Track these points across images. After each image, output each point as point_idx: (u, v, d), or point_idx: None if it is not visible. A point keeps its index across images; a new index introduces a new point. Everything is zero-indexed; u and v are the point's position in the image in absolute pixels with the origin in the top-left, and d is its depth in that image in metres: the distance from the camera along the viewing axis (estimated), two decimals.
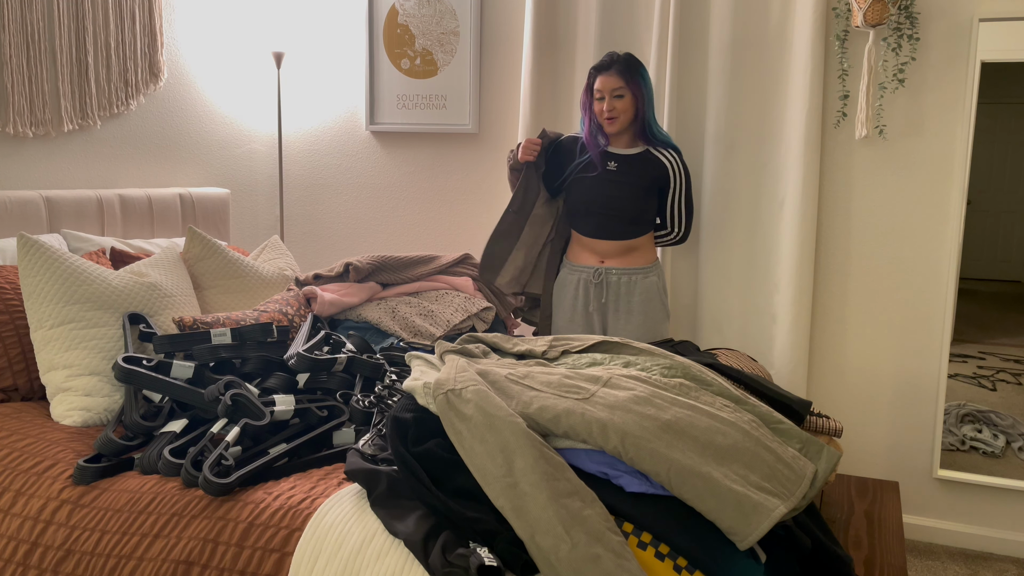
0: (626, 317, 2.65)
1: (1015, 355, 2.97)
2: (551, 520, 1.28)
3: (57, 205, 2.60)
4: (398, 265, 2.71)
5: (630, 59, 2.57)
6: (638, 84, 2.55)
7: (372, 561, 1.35)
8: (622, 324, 2.65)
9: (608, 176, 2.61)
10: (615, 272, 2.66)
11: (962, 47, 2.68)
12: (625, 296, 2.66)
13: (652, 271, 2.69)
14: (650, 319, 2.66)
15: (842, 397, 2.95)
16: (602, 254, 2.68)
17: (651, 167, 2.63)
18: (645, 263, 2.68)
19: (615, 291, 2.66)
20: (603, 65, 2.58)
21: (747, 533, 1.31)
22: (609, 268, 2.66)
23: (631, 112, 2.57)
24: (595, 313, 2.69)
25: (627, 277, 2.66)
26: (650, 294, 2.66)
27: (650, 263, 2.69)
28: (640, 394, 1.55)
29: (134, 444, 1.76)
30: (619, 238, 2.64)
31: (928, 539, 2.91)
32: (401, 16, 3.38)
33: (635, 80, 2.55)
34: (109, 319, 2.09)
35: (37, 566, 1.54)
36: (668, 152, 2.65)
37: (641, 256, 2.68)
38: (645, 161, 2.63)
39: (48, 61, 2.65)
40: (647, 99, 2.58)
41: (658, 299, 2.69)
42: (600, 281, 2.67)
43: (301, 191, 3.63)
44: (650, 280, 2.67)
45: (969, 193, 2.73)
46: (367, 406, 1.86)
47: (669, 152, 2.65)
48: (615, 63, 2.56)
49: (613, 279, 2.66)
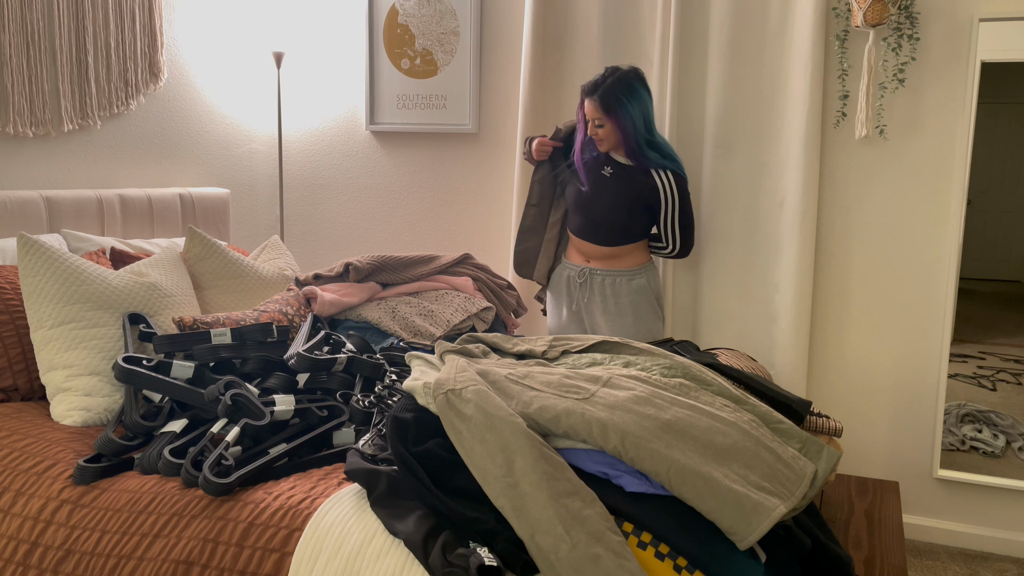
0: (617, 318, 2.65)
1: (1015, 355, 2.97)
2: (551, 520, 1.28)
3: (57, 205, 2.60)
4: (398, 265, 2.71)
5: (613, 87, 2.47)
6: (617, 116, 2.48)
7: (372, 561, 1.35)
8: (612, 323, 2.65)
9: (601, 182, 2.61)
10: (599, 273, 2.66)
11: (962, 47, 2.68)
12: (612, 297, 2.66)
13: (639, 273, 2.66)
14: (641, 320, 2.65)
15: (842, 397, 2.95)
16: (587, 255, 2.69)
17: (642, 183, 2.58)
18: (632, 266, 2.67)
19: (600, 291, 2.67)
20: (588, 89, 2.52)
21: (747, 533, 1.31)
22: (594, 269, 2.67)
23: (614, 137, 2.54)
24: (582, 311, 2.70)
25: (611, 279, 2.65)
26: (638, 295, 2.65)
27: (637, 266, 2.67)
28: (640, 394, 1.55)
29: (134, 444, 1.76)
30: (603, 244, 2.64)
31: (928, 539, 2.91)
32: (401, 16, 3.38)
33: (613, 112, 2.48)
34: (109, 319, 2.09)
35: (37, 566, 1.54)
36: (664, 173, 2.57)
37: (627, 260, 2.67)
38: (641, 177, 2.58)
39: (48, 61, 2.65)
40: (631, 125, 2.49)
41: (646, 300, 2.66)
42: (584, 281, 2.68)
43: (301, 191, 3.63)
44: (637, 282, 2.65)
45: (969, 193, 2.73)
46: (367, 406, 1.86)
47: (665, 173, 2.57)
48: (597, 90, 2.49)
49: (597, 279, 2.67)
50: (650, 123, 2.56)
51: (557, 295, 2.78)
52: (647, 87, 2.55)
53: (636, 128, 2.51)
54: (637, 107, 2.50)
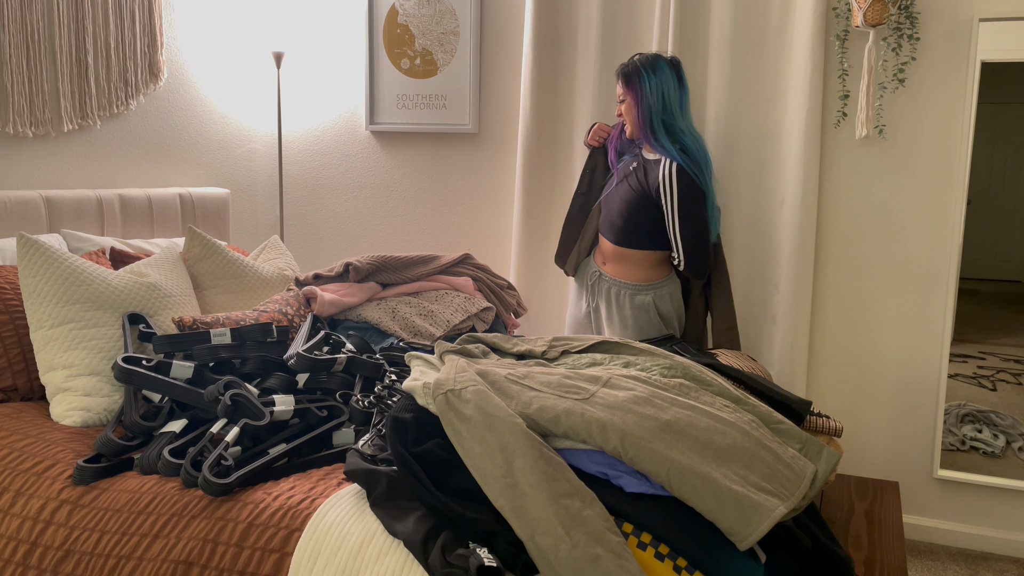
0: (620, 329, 2.61)
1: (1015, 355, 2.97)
2: (551, 520, 1.28)
3: (57, 205, 2.60)
4: (398, 265, 2.70)
5: (632, 63, 2.50)
6: (635, 88, 2.49)
7: (372, 561, 1.35)
8: (613, 332, 2.62)
9: (626, 175, 2.59)
10: (607, 280, 2.63)
11: (962, 47, 2.68)
12: (616, 307, 2.61)
13: (645, 290, 2.56)
14: (644, 335, 2.58)
15: (842, 397, 2.95)
16: (604, 255, 2.67)
17: (652, 177, 2.49)
18: (639, 280, 2.57)
19: (606, 298, 2.64)
20: (616, 73, 2.57)
21: (747, 533, 1.31)
22: (603, 274, 2.65)
23: (633, 115, 2.52)
24: (591, 312, 2.69)
25: (616, 288, 2.61)
26: (640, 311, 2.57)
27: (645, 281, 2.57)
28: (640, 394, 1.55)
29: (134, 444, 1.76)
30: (614, 242, 2.60)
31: (928, 539, 2.91)
32: (401, 16, 3.38)
33: (631, 84, 2.49)
34: (109, 319, 2.09)
35: (37, 566, 1.54)
36: (668, 162, 2.44)
37: (635, 272, 2.58)
38: (653, 169, 2.51)
39: (48, 61, 2.65)
40: (647, 101, 2.46)
41: (647, 318, 2.56)
42: (594, 283, 2.68)
43: (301, 191, 3.63)
44: (640, 299, 2.56)
45: (969, 193, 2.73)
46: (367, 406, 1.86)
47: (668, 162, 2.44)
48: (620, 69, 2.53)
49: (604, 285, 2.64)
50: (670, 104, 2.47)
51: (580, 288, 2.77)
52: (679, 72, 2.49)
53: (650, 103, 2.46)
54: (656, 83, 2.46)
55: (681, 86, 2.50)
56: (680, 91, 2.50)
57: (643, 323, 2.59)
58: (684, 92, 2.51)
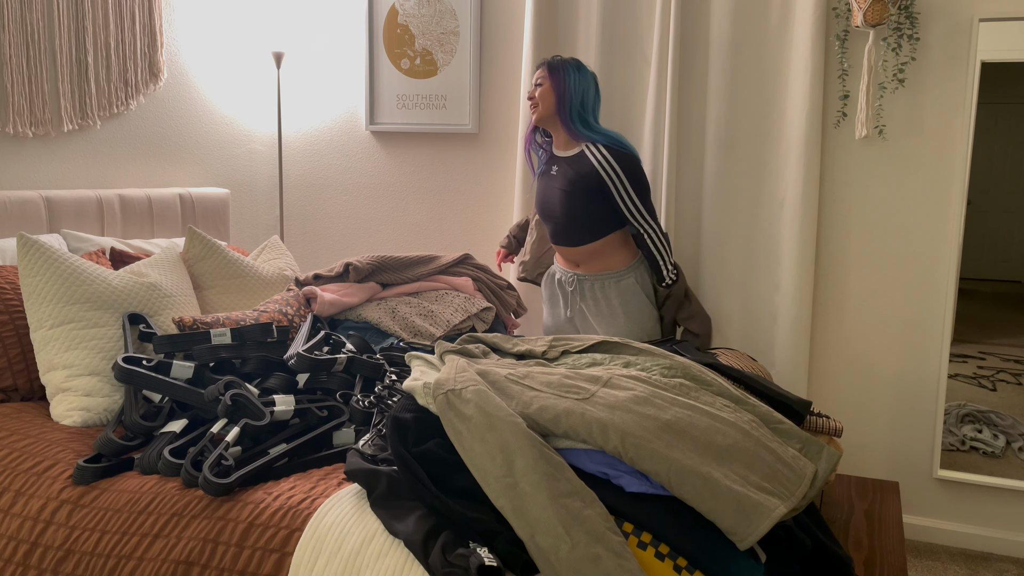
0: (610, 320, 2.62)
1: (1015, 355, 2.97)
2: (551, 520, 1.28)
3: (57, 205, 2.60)
4: (398, 265, 2.71)
5: (559, 57, 2.57)
6: (558, 76, 2.53)
7: (372, 561, 1.35)
8: (605, 326, 2.63)
9: (552, 181, 2.61)
10: (588, 279, 2.64)
11: (962, 47, 2.68)
12: (603, 300, 2.63)
13: (626, 274, 2.61)
14: (633, 319, 2.60)
15: (842, 397, 2.95)
16: (572, 260, 2.67)
17: (583, 167, 2.53)
18: (618, 266, 2.62)
19: (592, 295, 2.64)
20: (540, 63, 2.61)
21: (747, 533, 1.31)
22: (583, 275, 2.65)
23: (550, 100, 2.54)
24: (575, 317, 2.69)
25: (600, 282, 2.63)
26: (627, 295, 2.61)
27: (624, 266, 2.62)
28: (640, 394, 1.55)
29: (134, 444, 1.76)
30: (575, 244, 2.61)
31: (928, 539, 2.91)
32: (401, 16, 3.38)
33: (556, 72, 2.54)
34: (109, 319, 2.09)
35: (37, 566, 1.54)
36: (598, 149, 2.50)
37: (612, 260, 2.62)
38: (579, 161, 2.54)
39: (48, 61, 2.65)
40: (569, 92, 2.52)
41: (637, 300, 2.61)
42: (574, 288, 2.68)
43: (301, 191, 3.63)
44: (625, 283, 2.61)
45: (969, 193, 2.73)
46: (367, 406, 1.86)
47: (598, 148, 2.50)
48: (547, 60, 2.58)
49: (587, 285, 2.65)
50: (588, 104, 2.56)
51: (550, 295, 2.78)
52: (596, 84, 2.59)
53: (572, 95, 2.53)
54: (580, 80, 2.54)
55: (598, 95, 2.60)
56: (596, 98, 2.60)
57: (633, 305, 2.61)
58: (599, 101, 2.61)
